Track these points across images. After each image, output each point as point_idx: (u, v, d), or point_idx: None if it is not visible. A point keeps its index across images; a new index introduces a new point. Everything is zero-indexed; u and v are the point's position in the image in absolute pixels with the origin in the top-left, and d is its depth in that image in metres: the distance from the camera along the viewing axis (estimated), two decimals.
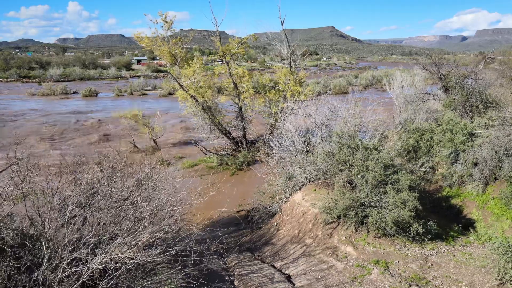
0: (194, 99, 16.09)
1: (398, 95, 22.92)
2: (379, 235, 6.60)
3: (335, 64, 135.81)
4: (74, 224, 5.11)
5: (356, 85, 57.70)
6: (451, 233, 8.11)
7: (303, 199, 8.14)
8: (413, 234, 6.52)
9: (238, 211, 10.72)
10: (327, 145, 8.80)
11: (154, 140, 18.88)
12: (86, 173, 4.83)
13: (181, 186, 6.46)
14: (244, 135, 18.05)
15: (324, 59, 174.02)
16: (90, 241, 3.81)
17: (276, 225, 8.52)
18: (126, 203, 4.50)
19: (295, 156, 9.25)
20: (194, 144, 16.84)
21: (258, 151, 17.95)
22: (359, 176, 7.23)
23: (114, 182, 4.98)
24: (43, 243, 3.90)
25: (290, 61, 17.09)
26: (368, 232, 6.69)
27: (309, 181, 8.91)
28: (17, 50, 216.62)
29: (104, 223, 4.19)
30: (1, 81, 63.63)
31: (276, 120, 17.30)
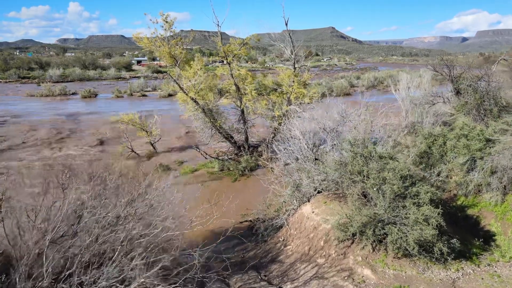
0: (195, 101, 15.48)
1: (404, 98, 22.27)
2: (399, 255, 5.98)
3: (335, 65, 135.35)
4: (58, 251, 4.49)
5: (358, 87, 57.39)
6: (474, 250, 7.49)
7: (313, 212, 7.52)
8: (437, 254, 5.90)
9: (242, 222, 10.10)
10: (337, 153, 8.18)
11: (152, 144, 18.27)
12: (69, 195, 4.22)
13: (181, 201, 5.84)
14: (246, 138, 17.44)
15: (325, 59, 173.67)
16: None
17: (283, 240, 7.90)
18: (117, 231, 3.89)
19: (302, 164, 8.64)
20: (194, 148, 16.24)
21: (261, 155, 17.34)
22: (375, 189, 6.61)
23: (104, 202, 4.37)
24: (17, 280, 3.28)
25: (294, 62, 16.49)
26: (387, 251, 6.07)
27: (318, 191, 8.29)
28: (18, 51, 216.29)
29: (89, 256, 3.58)
30: (0, 81, 63.11)
31: (279, 124, 16.68)
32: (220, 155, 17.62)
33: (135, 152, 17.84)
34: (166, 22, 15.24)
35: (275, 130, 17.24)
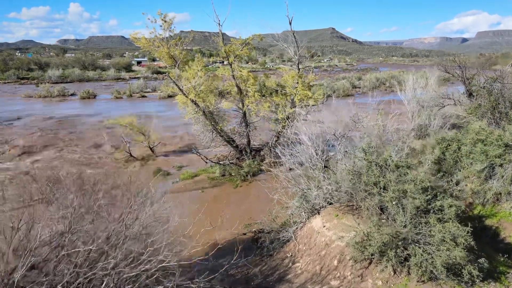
0: (195, 104, 14.87)
1: (410, 99, 21.60)
2: (423, 279, 5.34)
3: (336, 65, 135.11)
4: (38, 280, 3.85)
5: (360, 87, 56.78)
6: (500, 268, 6.86)
7: (324, 226, 6.88)
8: (466, 278, 5.26)
9: (245, 234, 9.46)
10: (349, 161, 7.55)
11: (151, 148, 17.64)
12: (43, 224, 3.58)
13: (178, 226, 5.20)
14: (249, 142, 16.81)
15: (325, 60, 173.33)
16: None
17: (291, 256, 7.26)
18: (100, 266, 3.27)
19: (311, 172, 8.01)
20: (194, 152, 15.60)
21: (263, 159, 16.71)
22: (394, 203, 5.98)
23: (88, 227, 3.74)
24: None
25: (298, 63, 15.87)
26: (410, 274, 5.43)
27: (329, 203, 7.66)
28: (18, 51, 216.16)
29: None
30: None
31: (283, 127, 16.07)
32: (221, 159, 16.99)
33: (133, 156, 17.22)
34: (165, 21, 14.64)
35: (278, 133, 16.62)
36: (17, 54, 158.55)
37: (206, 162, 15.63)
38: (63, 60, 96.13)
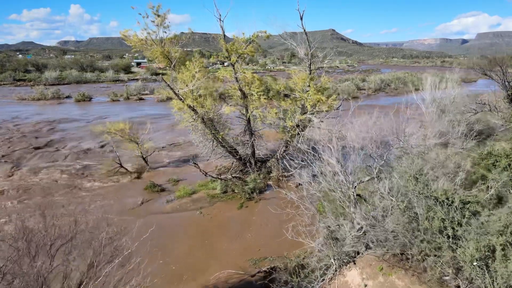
0: (193, 110, 13.04)
1: (429, 103, 19.80)
2: None
3: (337, 67, 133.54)
4: None
5: (365, 89, 54.99)
6: None
7: (366, 285, 5.03)
8: None
9: (253, 275, 7.60)
10: (396, 193, 5.69)
11: (144, 159, 15.79)
12: None
13: None
14: (253, 152, 14.96)
15: (326, 62, 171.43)
16: None
17: None
18: None
19: (340, 203, 6.17)
20: (193, 165, 13.75)
21: (270, 172, 14.88)
22: (475, 264, 4.13)
23: None
24: None
25: (310, 64, 14.07)
26: None
27: (367, 245, 5.81)
28: (18, 53, 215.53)
29: None
30: None
31: (292, 136, 14.24)
32: (222, 171, 15.15)
33: (124, 168, 15.37)
34: (158, 15, 12.82)
35: (286, 142, 14.79)
36: (17, 55, 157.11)
37: (206, 176, 13.77)
38: (61, 61, 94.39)
